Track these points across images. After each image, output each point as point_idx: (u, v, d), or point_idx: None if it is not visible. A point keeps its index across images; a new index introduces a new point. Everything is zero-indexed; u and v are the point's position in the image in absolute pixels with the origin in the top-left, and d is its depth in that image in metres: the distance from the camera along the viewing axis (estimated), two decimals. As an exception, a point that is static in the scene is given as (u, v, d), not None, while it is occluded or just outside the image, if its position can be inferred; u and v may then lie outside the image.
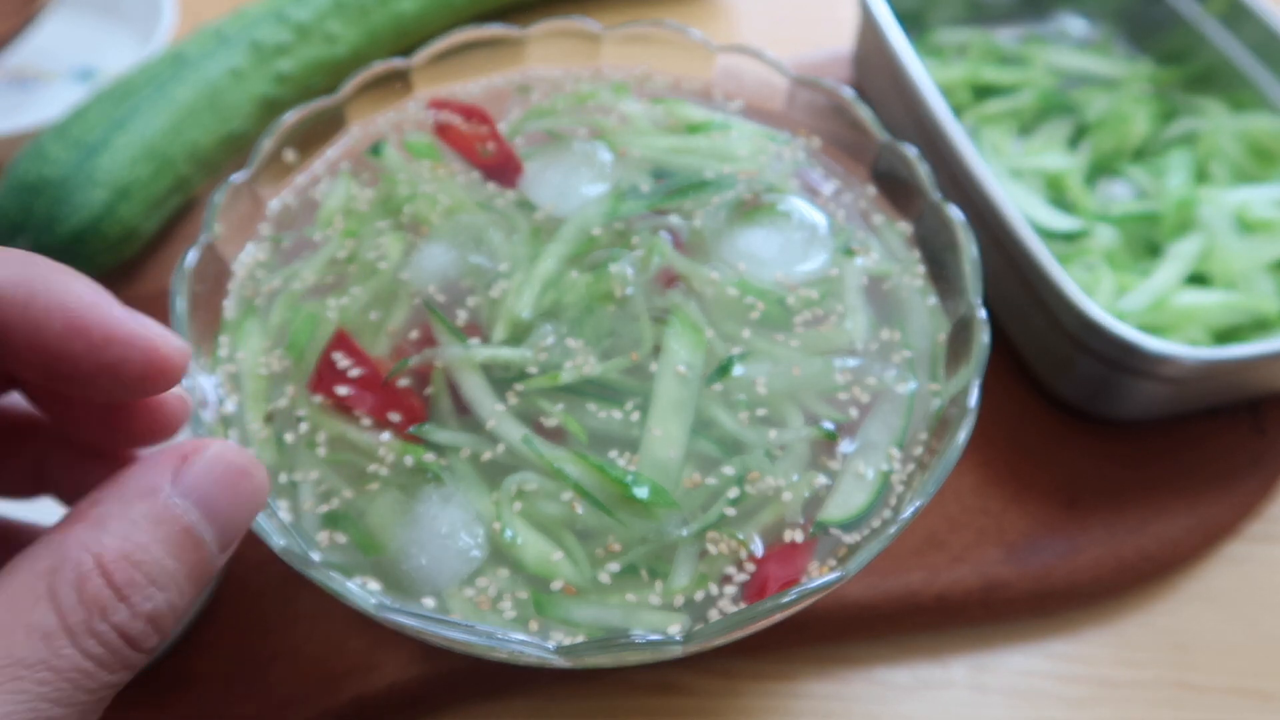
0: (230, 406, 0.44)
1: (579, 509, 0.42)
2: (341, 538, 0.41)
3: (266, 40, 0.73)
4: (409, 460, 0.42)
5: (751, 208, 0.51)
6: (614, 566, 0.41)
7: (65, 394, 0.32)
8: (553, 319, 0.46)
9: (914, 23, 0.82)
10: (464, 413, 0.44)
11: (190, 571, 0.27)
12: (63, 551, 0.25)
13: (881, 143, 0.52)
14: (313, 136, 0.53)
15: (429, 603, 0.40)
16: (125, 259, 0.68)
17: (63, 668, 0.24)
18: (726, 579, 0.41)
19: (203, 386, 0.44)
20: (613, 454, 0.43)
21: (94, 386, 0.29)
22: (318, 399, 0.44)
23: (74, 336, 0.27)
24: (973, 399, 0.42)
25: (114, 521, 0.26)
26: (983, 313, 0.45)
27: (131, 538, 0.26)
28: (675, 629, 0.39)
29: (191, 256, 0.45)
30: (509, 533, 0.41)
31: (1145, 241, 0.67)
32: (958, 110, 0.75)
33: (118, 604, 0.25)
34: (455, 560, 0.41)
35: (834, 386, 0.46)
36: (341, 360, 0.45)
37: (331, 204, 0.52)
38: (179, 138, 0.68)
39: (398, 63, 0.54)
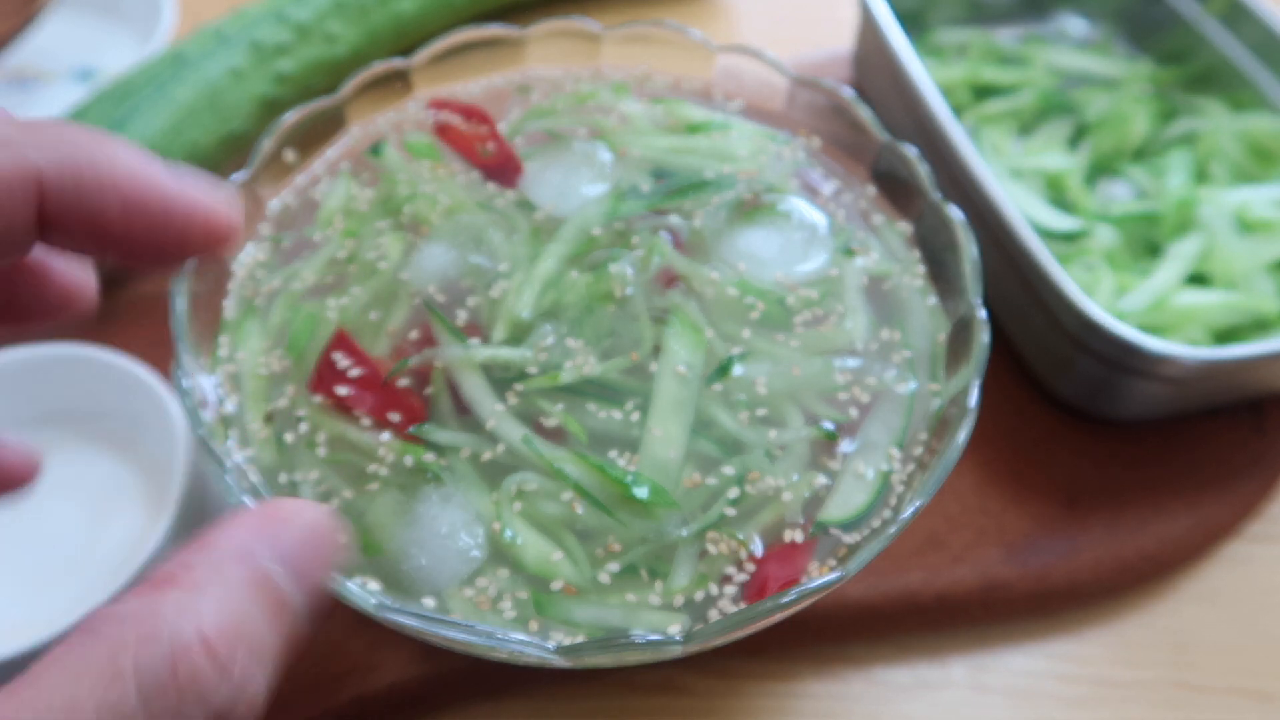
0: (230, 407, 0.44)
1: (579, 509, 0.42)
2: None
3: (266, 40, 0.73)
4: (409, 460, 0.42)
5: (751, 208, 0.51)
6: (614, 566, 0.41)
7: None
8: (553, 319, 0.46)
9: (914, 23, 0.82)
10: (464, 413, 0.44)
11: (284, 646, 0.24)
12: (157, 620, 0.21)
13: (881, 143, 0.52)
14: (313, 136, 0.53)
15: (429, 603, 0.40)
16: (125, 259, 0.68)
17: None
18: (726, 579, 0.41)
19: (203, 386, 0.44)
20: (613, 454, 0.43)
21: (150, 258, 0.27)
22: (318, 399, 0.44)
23: (133, 215, 0.25)
24: (973, 399, 0.42)
25: (213, 586, 0.22)
26: (983, 313, 0.45)
27: (232, 606, 0.22)
28: (675, 629, 0.39)
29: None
30: (509, 533, 0.41)
31: (1145, 241, 0.67)
32: (958, 110, 0.75)
33: (218, 684, 0.22)
34: (455, 560, 0.41)
35: (834, 386, 0.46)
36: (341, 360, 0.45)
37: (331, 204, 0.52)
38: (179, 138, 0.68)
39: (398, 63, 0.54)
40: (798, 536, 0.42)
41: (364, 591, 0.38)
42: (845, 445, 0.44)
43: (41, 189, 0.24)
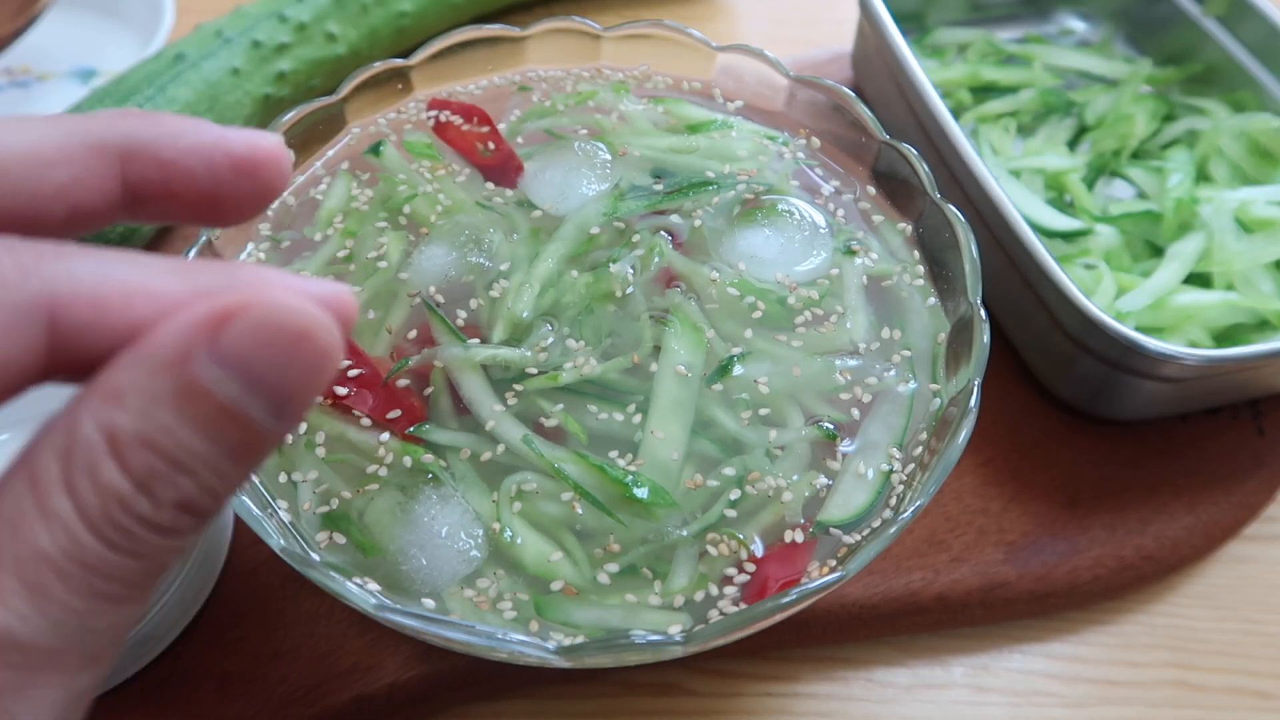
0: (230, 406, 0.44)
1: (579, 509, 0.41)
2: (341, 538, 0.41)
3: (266, 40, 0.73)
4: (408, 461, 0.42)
5: (752, 208, 0.51)
6: (613, 567, 0.41)
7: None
8: (553, 319, 0.46)
9: (914, 23, 0.82)
10: (464, 413, 0.44)
11: (232, 450, 0.23)
12: (76, 431, 0.22)
13: (881, 142, 0.52)
14: (313, 136, 0.53)
15: (429, 603, 0.40)
16: (125, 259, 0.68)
17: (87, 560, 0.22)
18: (727, 579, 0.41)
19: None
20: (613, 454, 0.43)
21: (209, 195, 0.28)
22: (317, 399, 0.44)
23: (193, 159, 0.27)
24: (973, 399, 0.42)
25: (133, 396, 0.22)
26: (983, 313, 0.45)
27: (152, 417, 0.22)
28: (675, 629, 0.39)
29: (191, 256, 0.45)
30: (508, 533, 0.41)
31: (1145, 241, 0.67)
32: (957, 110, 0.75)
33: (138, 495, 0.22)
34: (455, 561, 0.41)
35: (834, 386, 0.46)
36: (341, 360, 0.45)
37: (331, 204, 0.51)
38: (179, 138, 0.68)
39: (397, 62, 0.54)
40: (798, 537, 0.41)
41: (364, 592, 0.38)
42: (845, 445, 0.44)
43: (122, 163, 0.26)
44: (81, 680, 0.22)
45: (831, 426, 0.44)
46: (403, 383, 0.44)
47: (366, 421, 0.43)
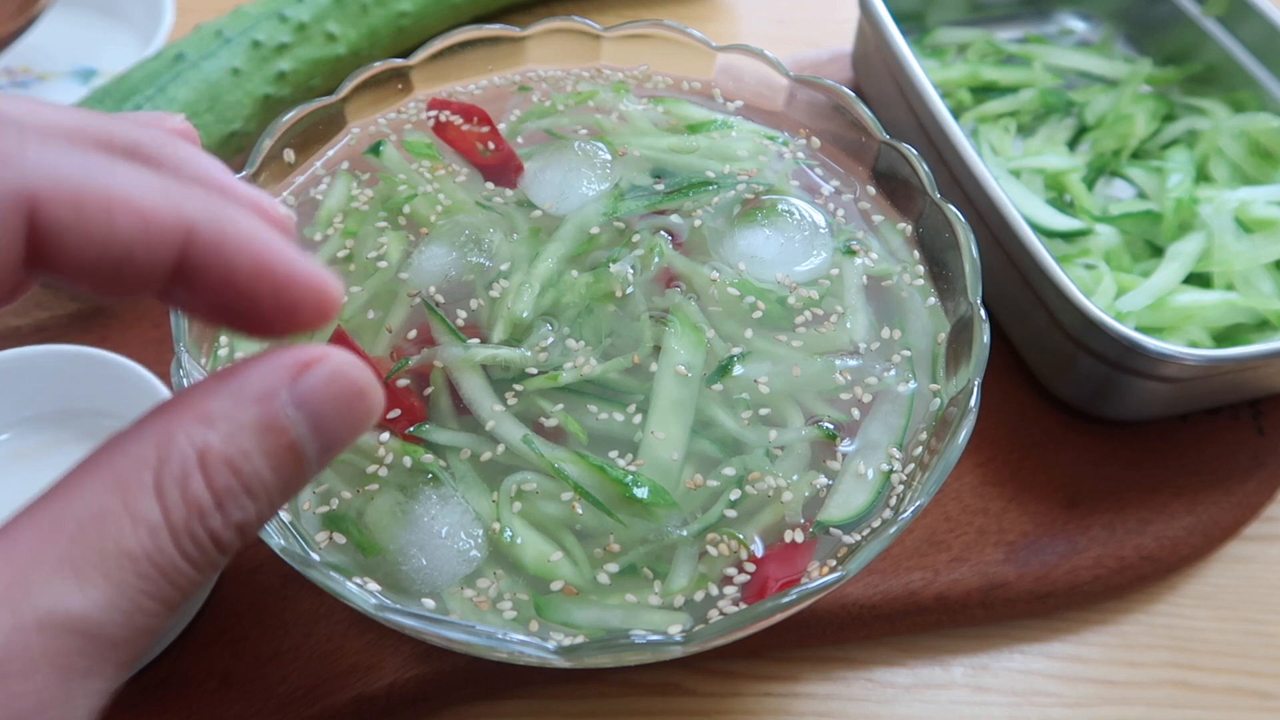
0: (230, 406, 0.44)
1: (579, 509, 0.41)
2: (341, 538, 0.41)
3: (266, 40, 0.73)
4: (408, 461, 0.42)
5: (752, 208, 0.51)
6: (613, 567, 0.41)
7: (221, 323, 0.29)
8: (553, 319, 0.46)
9: (914, 23, 0.82)
10: (464, 413, 0.44)
11: (285, 484, 0.26)
12: (170, 444, 0.24)
13: (881, 142, 0.52)
14: (313, 136, 0.53)
15: (428, 603, 0.40)
16: (125, 259, 0.68)
17: (164, 564, 0.24)
18: (727, 579, 0.41)
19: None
20: (613, 454, 0.43)
21: (261, 322, 0.27)
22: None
23: (261, 279, 0.26)
24: (973, 399, 0.42)
25: (223, 422, 0.24)
26: (983, 313, 0.45)
27: (237, 442, 0.24)
28: (675, 629, 0.39)
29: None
30: (508, 533, 0.41)
31: (1145, 241, 0.67)
32: (957, 110, 0.75)
33: (215, 511, 0.24)
34: (455, 561, 0.41)
35: (835, 386, 0.46)
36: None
37: (331, 204, 0.52)
38: (179, 137, 0.68)
39: (397, 62, 0.54)
40: (798, 537, 0.41)
41: (364, 592, 0.38)
42: (846, 445, 0.44)
43: (189, 240, 0.25)
44: (117, 680, 0.24)
45: (831, 426, 0.44)
46: (403, 383, 0.44)
47: (366, 421, 0.43)
